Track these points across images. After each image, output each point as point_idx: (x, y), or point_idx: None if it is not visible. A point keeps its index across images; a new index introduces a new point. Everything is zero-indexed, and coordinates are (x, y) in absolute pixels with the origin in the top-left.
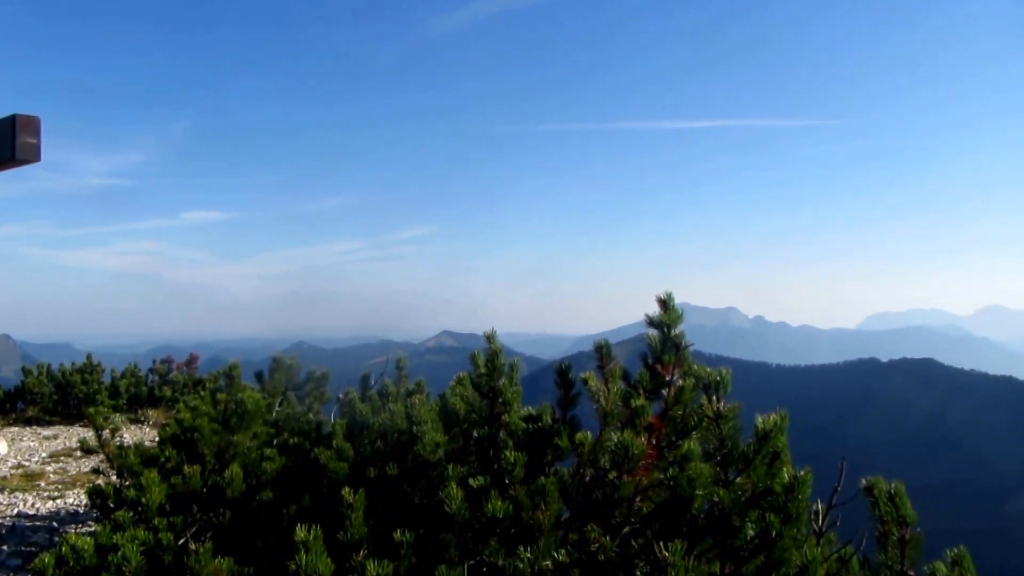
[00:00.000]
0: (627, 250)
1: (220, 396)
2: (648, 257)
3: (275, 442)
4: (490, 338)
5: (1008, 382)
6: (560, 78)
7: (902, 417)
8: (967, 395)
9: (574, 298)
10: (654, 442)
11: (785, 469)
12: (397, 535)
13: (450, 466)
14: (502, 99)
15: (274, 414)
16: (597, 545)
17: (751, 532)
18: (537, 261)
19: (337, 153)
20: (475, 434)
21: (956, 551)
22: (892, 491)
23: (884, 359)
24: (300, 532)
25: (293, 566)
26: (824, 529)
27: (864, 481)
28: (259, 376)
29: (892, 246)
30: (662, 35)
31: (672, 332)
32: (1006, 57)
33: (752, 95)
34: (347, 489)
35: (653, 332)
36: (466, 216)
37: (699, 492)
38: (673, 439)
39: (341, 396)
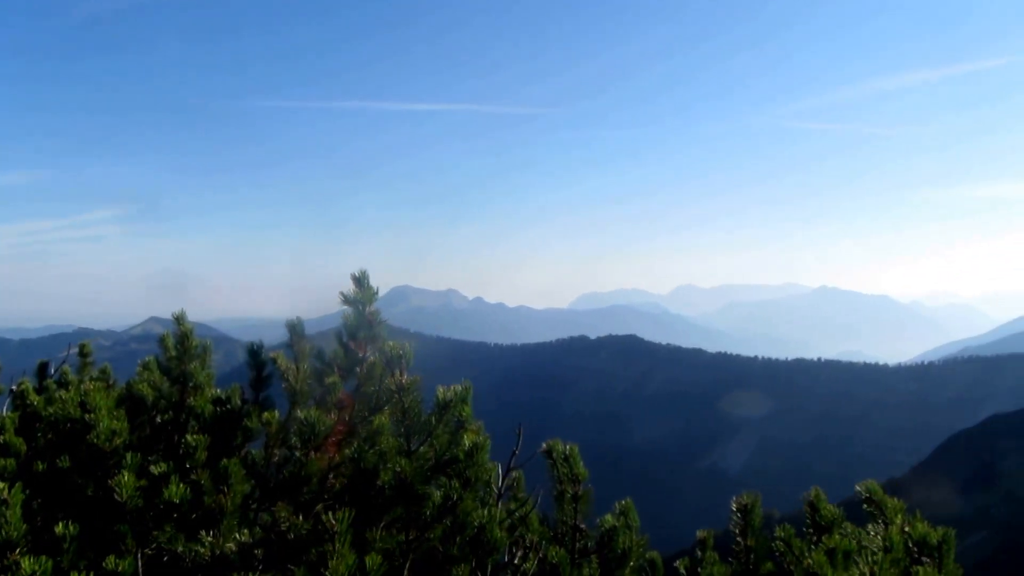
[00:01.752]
0: (354, 234)
1: None
2: (372, 241)
3: None
4: (179, 319)
5: (697, 354)
6: (280, 53)
7: (608, 387)
8: (665, 366)
9: (299, 282)
10: (346, 418)
11: (467, 437)
12: (59, 528)
13: (128, 454)
14: (213, 69)
15: None
16: (287, 524)
17: (438, 499)
18: (259, 243)
19: (20, 120)
20: (158, 420)
21: (623, 503)
22: (567, 452)
23: (593, 336)
24: None
25: None
26: (503, 490)
27: (544, 444)
28: None
29: (601, 230)
30: (385, 14)
31: (367, 309)
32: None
33: (475, 81)
34: (1, 484)
35: (349, 310)
36: (174, 194)
37: (390, 464)
38: (366, 415)
39: (14, 388)
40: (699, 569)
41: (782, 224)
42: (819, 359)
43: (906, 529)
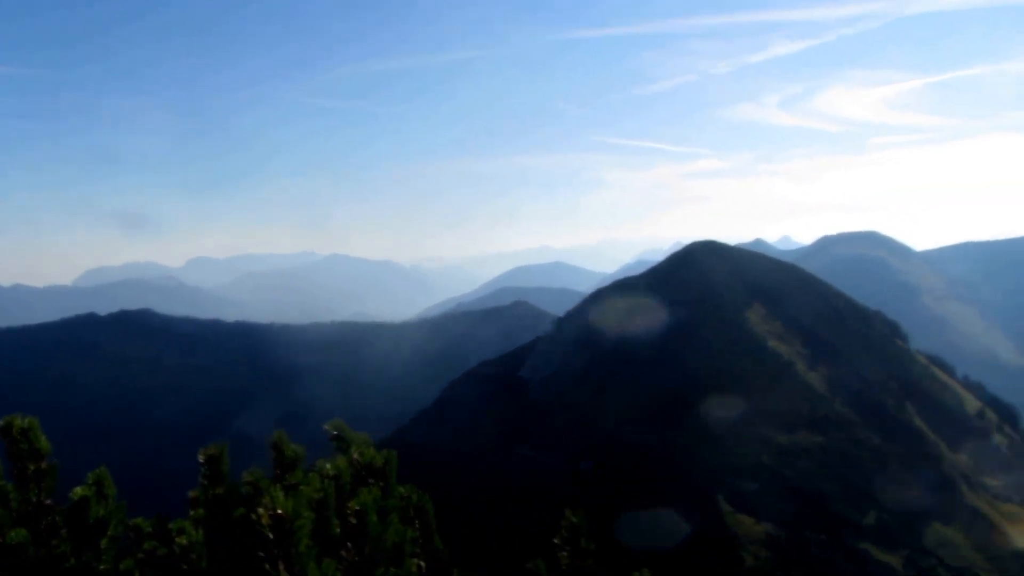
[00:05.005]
0: None
1: None
2: None
3: None
4: None
5: (215, 324)
6: None
7: (122, 364)
8: (181, 339)
9: None
10: None
11: None
12: None
13: None
14: None
15: None
16: None
17: None
18: None
19: None
20: None
21: (96, 472)
22: (27, 426)
23: (103, 313)
24: None
25: None
26: None
27: (1, 420)
28: None
29: (106, 200)
30: None
31: None
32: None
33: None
34: None
35: None
36: None
37: None
38: None
39: None
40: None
41: (297, 194)
42: (332, 321)
43: (355, 456)
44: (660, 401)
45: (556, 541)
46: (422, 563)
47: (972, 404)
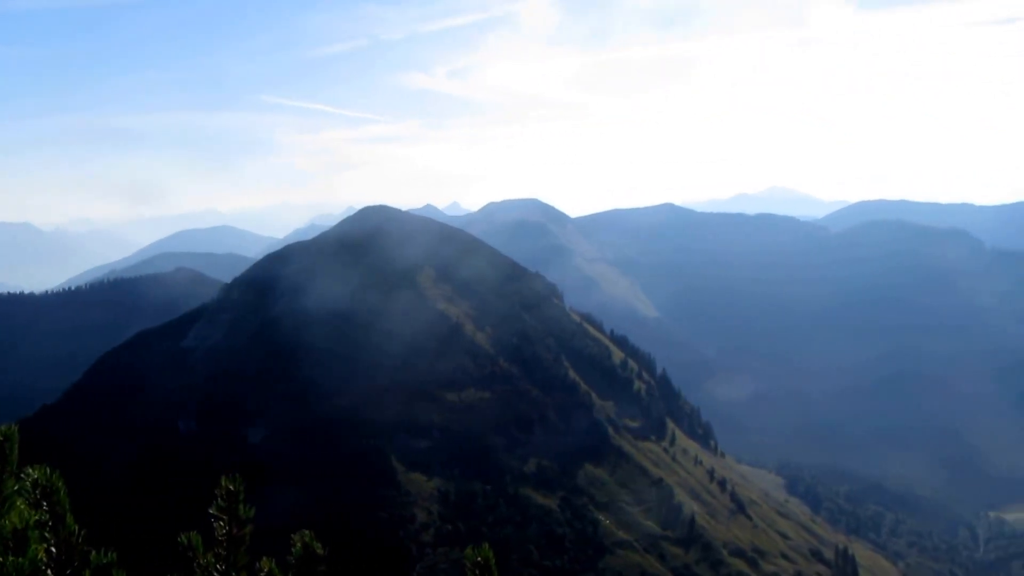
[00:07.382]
0: None
1: None
2: None
3: None
4: None
5: None
6: None
7: None
8: None
9: None
10: None
11: None
12: None
13: None
14: None
15: None
16: None
17: None
18: None
19: None
20: None
21: None
22: None
23: None
24: None
25: None
26: None
27: None
28: None
29: None
30: None
31: None
32: None
33: None
34: None
35: None
36: None
37: None
38: None
39: None
40: None
41: None
42: None
43: None
44: (332, 367)
45: (212, 511)
46: (53, 548)
47: (617, 355)
